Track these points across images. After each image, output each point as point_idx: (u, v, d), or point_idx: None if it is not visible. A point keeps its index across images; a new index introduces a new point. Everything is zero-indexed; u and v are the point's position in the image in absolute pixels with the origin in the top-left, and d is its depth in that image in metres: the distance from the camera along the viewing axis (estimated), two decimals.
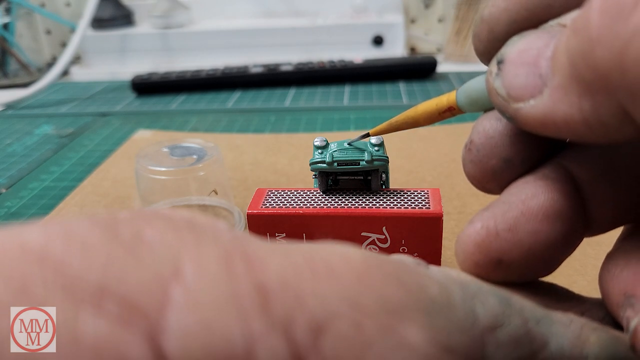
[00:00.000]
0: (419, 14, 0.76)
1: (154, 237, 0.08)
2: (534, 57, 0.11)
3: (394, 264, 0.09)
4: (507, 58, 0.11)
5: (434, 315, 0.08)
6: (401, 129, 0.17)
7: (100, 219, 0.08)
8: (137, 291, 0.07)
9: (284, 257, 0.08)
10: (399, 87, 0.57)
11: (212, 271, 0.08)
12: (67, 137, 0.48)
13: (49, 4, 0.80)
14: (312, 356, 0.08)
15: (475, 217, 0.13)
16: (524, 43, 0.11)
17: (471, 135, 0.14)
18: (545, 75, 0.10)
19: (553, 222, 0.12)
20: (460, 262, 0.13)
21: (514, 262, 0.12)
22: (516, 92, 0.11)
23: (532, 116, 0.11)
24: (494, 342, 0.09)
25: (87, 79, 0.68)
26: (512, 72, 0.11)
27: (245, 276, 0.08)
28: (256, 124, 0.48)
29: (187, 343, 0.07)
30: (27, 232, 0.08)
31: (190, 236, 0.08)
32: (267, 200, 0.23)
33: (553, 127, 0.10)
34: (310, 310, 0.08)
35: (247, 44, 0.67)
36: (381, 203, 0.22)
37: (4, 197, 0.37)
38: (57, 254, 0.07)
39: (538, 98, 0.11)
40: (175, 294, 0.07)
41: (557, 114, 0.10)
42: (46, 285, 0.07)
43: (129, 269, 0.07)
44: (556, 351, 0.10)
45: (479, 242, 0.13)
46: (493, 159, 0.13)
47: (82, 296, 0.07)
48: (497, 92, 0.12)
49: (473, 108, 0.14)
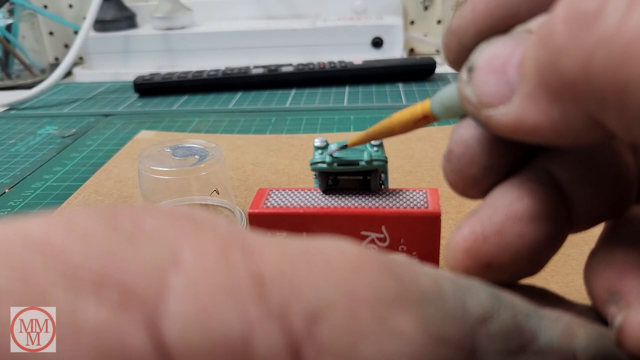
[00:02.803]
0: (418, 15, 0.76)
1: (153, 227, 0.08)
2: (501, 65, 0.11)
3: (387, 257, 0.09)
4: (477, 66, 0.12)
5: (426, 306, 0.09)
6: (377, 138, 0.18)
7: (101, 210, 0.08)
8: (136, 279, 0.07)
9: (281, 248, 0.08)
10: (399, 88, 0.57)
11: (210, 260, 0.08)
12: (70, 137, 0.48)
13: (52, 5, 0.81)
14: (308, 344, 0.08)
15: (463, 223, 0.13)
16: (492, 50, 0.11)
17: (449, 144, 0.14)
18: (513, 82, 0.11)
19: (539, 223, 0.12)
20: (451, 268, 0.13)
21: (503, 265, 0.12)
22: (486, 99, 0.11)
23: (503, 122, 0.11)
24: (484, 334, 0.09)
25: (89, 80, 0.69)
26: (481, 79, 0.11)
27: (242, 265, 0.08)
28: (257, 124, 0.49)
29: (186, 329, 0.07)
30: (28, 223, 0.08)
31: (189, 227, 0.08)
32: (268, 199, 0.23)
33: (524, 133, 0.11)
34: (306, 299, 0.08)
35: (248, 46, 0.68)
36: (380, 202, 0.23)
37: (7, 197, 0.37)
38: (58, 243, 0.08)
39: (508, 105, 0.11)
40: (173, 281, 0.07)
41: (527, 120, 0.10)
42: (47, 274, 0.07)
43: (128, 258, 0.08)
44: (545, 344, 0.10)
45: (467, 247, 0.13)
46: (473, 167, 0.13)
47: (83, 284, 0.07)
48: (468, 99, 0.12)
49: (447, 115, 0.14)
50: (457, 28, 0.13)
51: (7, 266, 0.07)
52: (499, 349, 0.09)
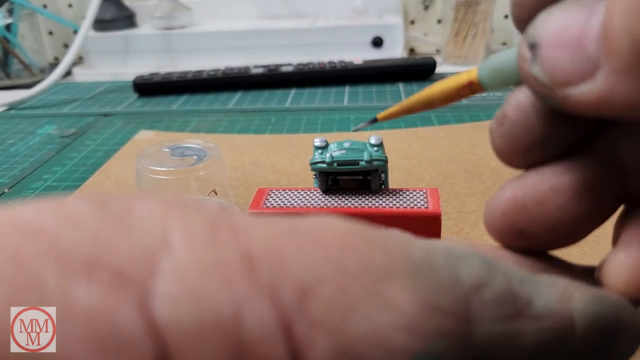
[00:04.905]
0: (418, 15, 0.76)
1: (142, 211, 0.08)
2: (576, 38, 0.10)
3: (377, 231, 0.09)
4: (543, 40, 0.10)
5: (418, 276, 0.09)
6: (414, 110, 0.16)
7: (92, 197, 0.08)
8: (127, 261, 0.07)
9: (269, 227, 0.09)
10: (399, 88, 0.57)
11: (199, 241, 0.08)
12: (69, 137, 0.48)
13: (51, 5, 0.81)
14: (299, 319, 0.08)
15: (507, 184, 0.13)
16: (557, 21, 0.10)
17: (504, 107, 0.13)
18: (596, 57, 0.10)
19: (582, 198, 0.12)
20: (486, 225, 0.13)
21: (537, 234, 0.12)
22: (563, 77, 0.10)
23: (586, 101, 0.10)
24: (478, 301, 0.09)
25: (89, 79, 0.69)
26: (553, 55, 0.10)
27: (231, 245, 0.08)
28: (257, 124, 0.49)
29: (176, 308, 0.07)
30: (20, 209, 0.08)
31: (178, 210, 0.08)
32: (268, 199, 0.23)
33: (610, 110, 0.10)
34: (295, 274, 0.08)
35: (248, 45, 0.68)
36: (380, 202, 0.23)
37: (6, 197, 0.37)
38: (49, 228, 0.08)
39: (590, 82, 0.10)
40: (163, 263, 0.08)
41: (618, 96, 0.09)
42: (39, 257, 0.07)
43: (119, 240, 0.08)
44: (541, 309, 0.10)
45: (505, 210, 0.13)
46: (527, 137, 0.12)
47: (75, 267, 0.07)
48: (537, 79, 0.11)
49: (497, 83, 0.13)
50: None
51: (0, 251, 0.07)
52: (494, 315, 0.09)
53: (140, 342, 0.07)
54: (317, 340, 0.08)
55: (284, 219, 0.09)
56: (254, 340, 0.07)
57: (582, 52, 0.10)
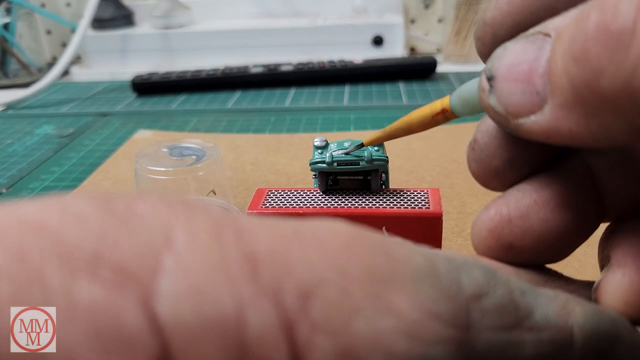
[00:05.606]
0: (419, 14, 0.76)
1: (146, 210, 0.08)
2: (525, 73, 0.11)
3: (380, 236, 0.09)
4: (498, 74, 0.11)
5: (419, 283, 0.09)
6: (395, 136, 0.17)
7: (95, 195, 0.09)
8: (130, 258, 0.07)
9: (273, 229, 0.09)
10: (399, 87, 0.57)
11: (203, 240, 0.08)
12: (67, 137, 0.48)
13: (50, 4, 0.80)
14: (301, 321, 0.08)
15: (490, 204, 0.13)
16: (511, 57, 0.11)
17: (475, 134, 0.14)
18: (543, 92, 0.10)
19: (565, 211, 0.12)
20: (474, 246, 0.14)
21: (525, 248, 0.13)
22: (515, 109, 0.11)
23: (536, 130, 0.11)
24: (479, 310, 0.09)
25: (87, 79, 0.68)
26: (506, 89, 0.11)
27: (234, 245, 0.08)
28: (256, 124, 0.49)
29: (179, 307, 0.07)
30: (24, 206, 0.08)
31: (182, 210, 0.08)
32: (267, 200, 0.23)
33: (558, 139, 0.11)
34: (298, 276, 0.08)
35: (247, 45, 0.68)
36: (381, 203, 0.22)
37: (4, 197, 0.37)
38: (53, 225, 0.08)
39: (539, 114, 0.11)
40: (166, 261, 0.08)
41: (561, 129, 0.10)
42: (43, 254, 0.07)
43: (122, 238, 0.08)
44: (541, 320, 0.10)
45: (491, 227, 0.13)
46: (496, 159, 0.13)
47: (78, 264, 0.07)
48: (494, 108, 0.12)
49: (467, 112, 0.14)
50: (492, 20, 0.13)
51: (4, 247, 0.07)
52: (493, 324, 0.09)
53: (142, 339, 0.07)
54: (319, 342, 0.08)
55: (287, 221, 0.09)
56: (255, 340, 0.07)
57: (531, 87, 0.11)
